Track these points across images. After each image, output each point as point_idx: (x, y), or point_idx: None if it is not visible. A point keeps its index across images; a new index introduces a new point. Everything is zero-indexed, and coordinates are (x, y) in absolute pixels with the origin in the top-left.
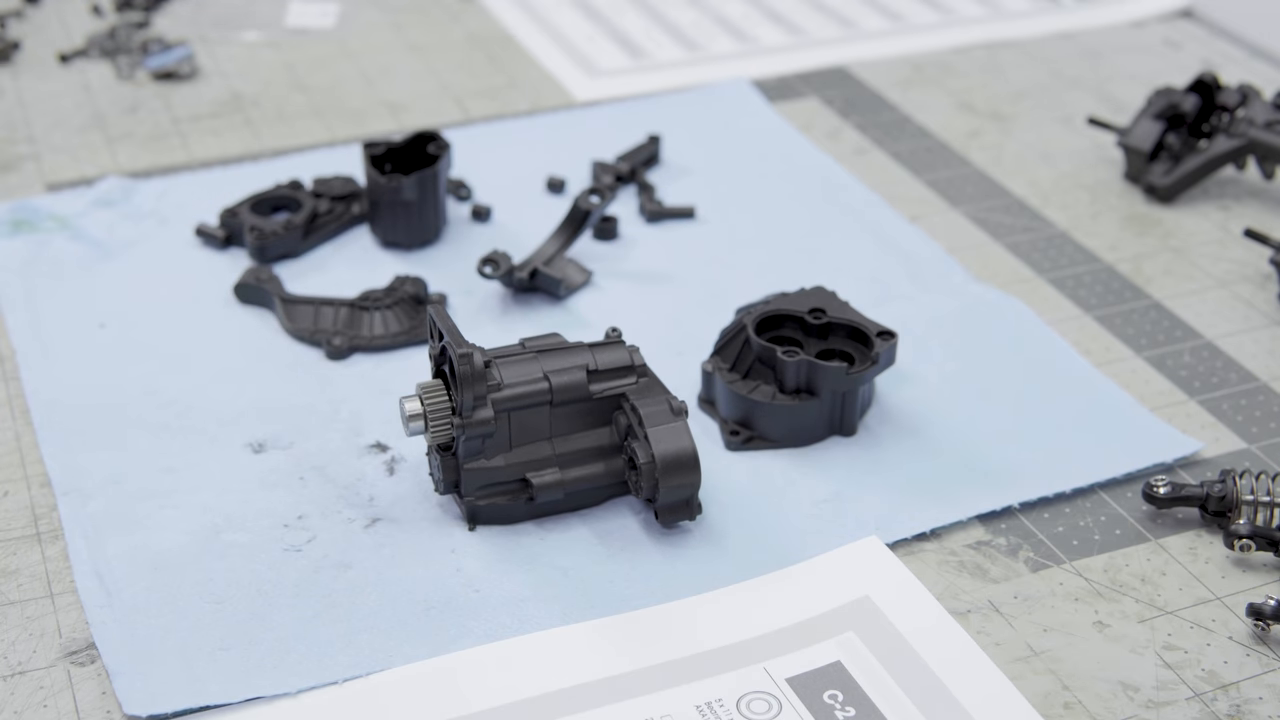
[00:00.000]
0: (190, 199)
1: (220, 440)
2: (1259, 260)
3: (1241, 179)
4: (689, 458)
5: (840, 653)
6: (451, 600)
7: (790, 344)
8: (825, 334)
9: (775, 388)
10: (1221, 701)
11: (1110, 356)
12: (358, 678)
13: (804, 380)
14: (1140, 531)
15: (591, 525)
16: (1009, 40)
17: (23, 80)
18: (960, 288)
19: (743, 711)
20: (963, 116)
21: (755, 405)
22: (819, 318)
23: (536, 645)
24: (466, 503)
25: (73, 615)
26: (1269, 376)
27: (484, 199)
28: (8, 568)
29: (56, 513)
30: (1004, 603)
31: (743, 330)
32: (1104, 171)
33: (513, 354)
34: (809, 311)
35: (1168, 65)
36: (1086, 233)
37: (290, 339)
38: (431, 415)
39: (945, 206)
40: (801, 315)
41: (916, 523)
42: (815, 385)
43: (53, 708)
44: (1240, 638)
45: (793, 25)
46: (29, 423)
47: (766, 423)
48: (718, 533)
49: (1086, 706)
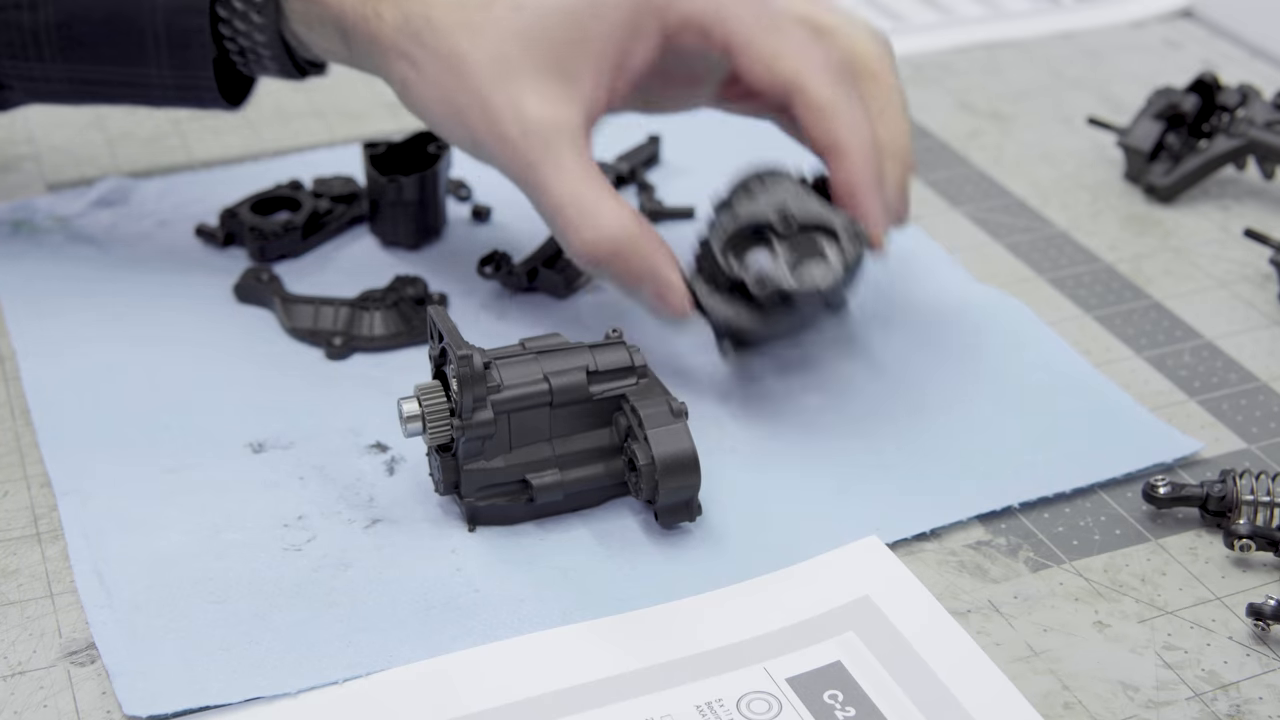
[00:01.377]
0: (190, 199)
1: (220, 440)
2: (1259, 260)
3: (1241, 179)
4: (689, 460)
5: (840, 653)
6: (451, 600)
7: (763, 243)
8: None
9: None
10: (1221, 701)
11: (1110, 356)
12: (358, 678)
13: (783, 301)
14: (1140, 531)
15: (591, 526)
16: (1009, 40)
17: None
18: (960, 288)
19: (743, 711)
20: (963, 116)
21: (741, 329)
22: (789, 226)
23: (536, 645)
24: (466, 503)
25: (73, 615)
26: (1269, 376)
27: (484, 199)
28: (8, 568)
29: (56, 513)
30: (1004, 603)
31: (712, 252)
32: (1104, 171)
33: (513, 355)
34: (778, 219)
35: (1168, 65)
36: (1086, 233)
37: (290, 339)
38: (429, 417)
39: (945, 206)
40: (771, 223)
41: (916, 523)
42: (796, 307)
43: (53, 708)
44: (1240, 638)
45: None
46: (29, 423)
47: (754, 337)
48: (718, 533)
49: (1086, 706)
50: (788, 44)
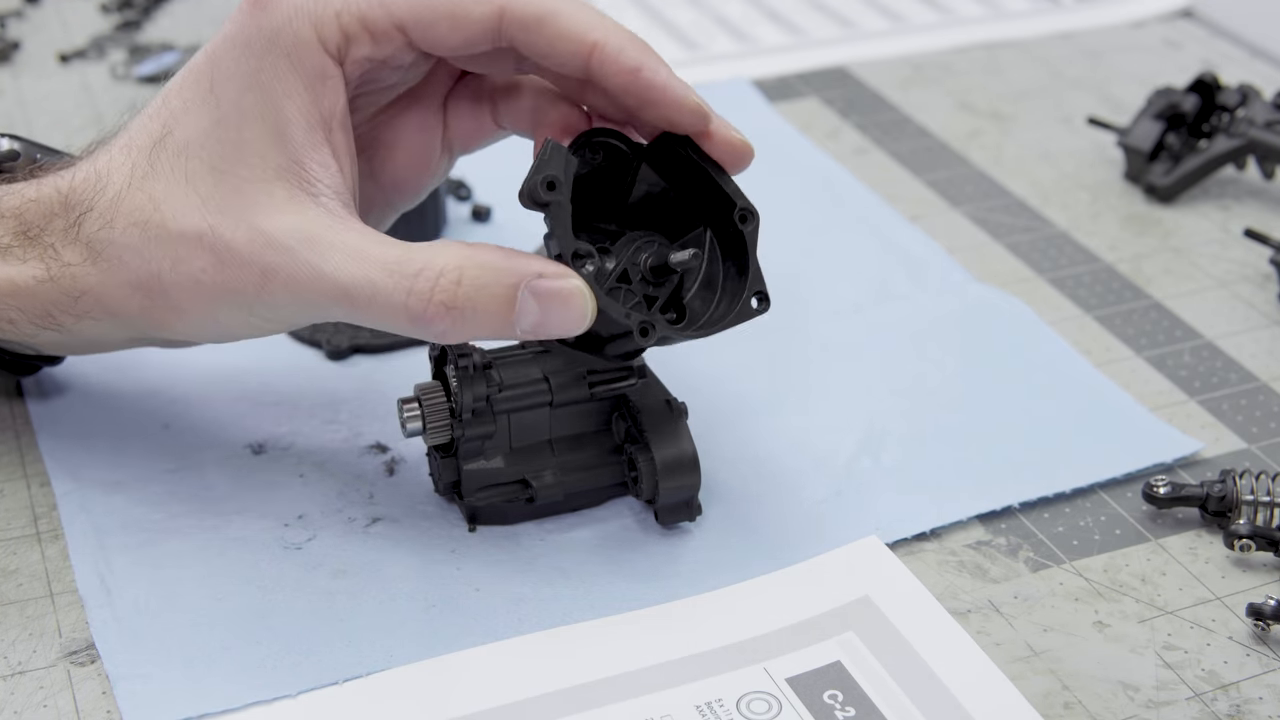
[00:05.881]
0: None
1: (220, 440)
2: (1259, 260)
3: (1241, 179)
4: (689, 460)
5: (840, 653)
6: (451, 600)
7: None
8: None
9: None
10: (1221, 701)
11: (1110, 356)
12: (358, 677)
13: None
14: (1140, 531)
15: (591, 525)
16: (1009, 40)
17: (23, 80)
18: (960, 288)
19: (743, 711)
20: (963, 116)
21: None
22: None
23: (536, 645)
24: (466, 503)
25: (73, 615)
26: (1269, 376)
27: (484, 199)
28: (8, 568)
29: (56, 513)
30: (1004, 603)
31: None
32: (1104, 171)
33: (513, 355)
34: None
35: (1168, 65)
36: (1086, 233)
37: (290, 339)
38: (429, 417)
39: (945, 206)
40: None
41: (916, 523)
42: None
43: (53, 708)
44: (1240, 638)
45: (793, 25)
46: (29, 423)
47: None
48: (718, 533)
49: (1086, 706)
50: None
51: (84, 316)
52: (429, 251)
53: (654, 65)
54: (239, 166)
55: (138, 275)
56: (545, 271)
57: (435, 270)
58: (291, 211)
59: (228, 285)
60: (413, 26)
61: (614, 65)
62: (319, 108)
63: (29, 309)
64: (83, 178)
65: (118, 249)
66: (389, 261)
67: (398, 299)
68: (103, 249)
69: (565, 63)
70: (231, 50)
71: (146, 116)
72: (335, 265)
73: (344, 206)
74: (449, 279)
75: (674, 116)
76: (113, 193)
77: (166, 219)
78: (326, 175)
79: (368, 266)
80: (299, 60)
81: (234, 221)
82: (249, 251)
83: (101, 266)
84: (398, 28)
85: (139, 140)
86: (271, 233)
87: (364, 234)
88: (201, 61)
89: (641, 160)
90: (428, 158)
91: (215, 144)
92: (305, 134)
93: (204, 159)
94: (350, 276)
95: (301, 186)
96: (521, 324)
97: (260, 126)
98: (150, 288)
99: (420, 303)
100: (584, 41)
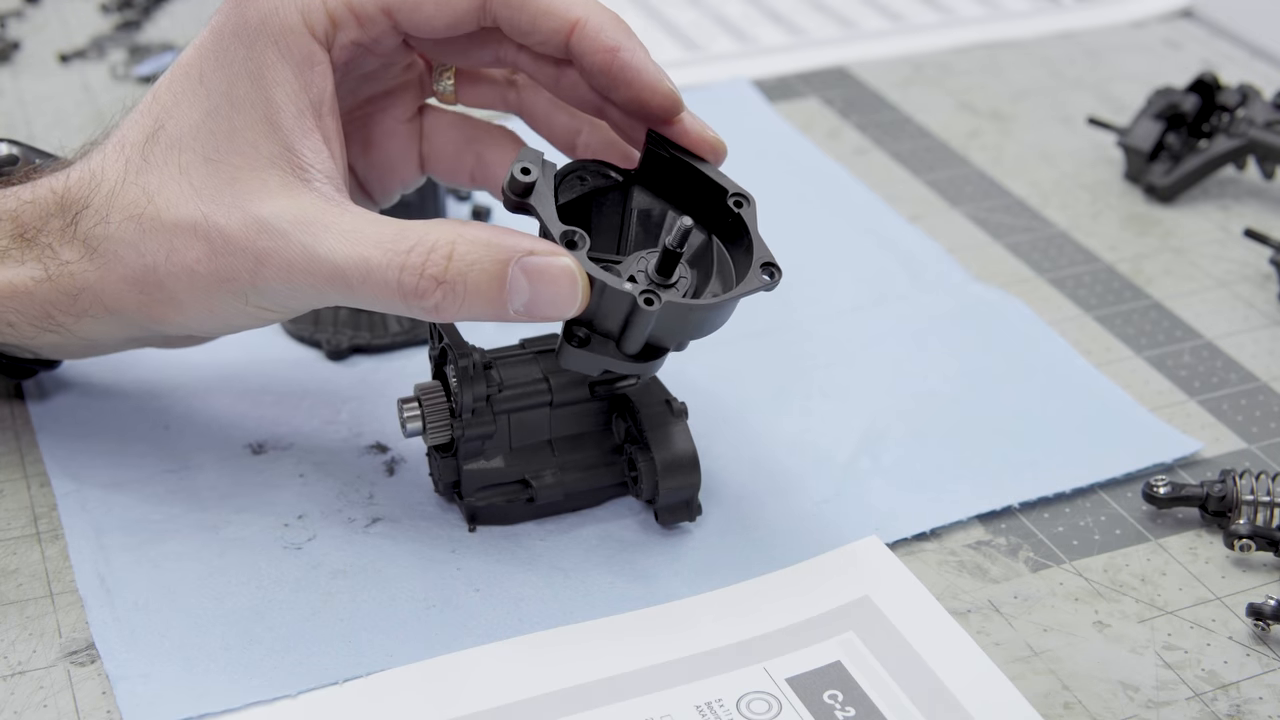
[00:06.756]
0: None
1: (220, 440)
2: (1259, 260)
3: (1241, 179)
4: (689, 460)
5: (840, 653)
6: (451, 600)
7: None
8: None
9: None
10: (1221, 701)
11: (1110, 356)
12: (358, 677)
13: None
14: (1140, 531)
15: (591, 525)
16: (1009, 40)
17: (23, 80)
18: (960, 288)
19: (743, 711)
20: (963, 116)
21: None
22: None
23: (536, 645)
24: (466, 503)
25: (73, 615)
26: (1269, 376)
27: (484, 199)
28: (7, 567)
29: (56, 513)
30: (1004, 603)
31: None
32: (1104, 171)
33: (513, 355)
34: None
35: (1168, 65)
36: (1086, 233)
37: (290, 339)
38: (429, 417)
39: (945, 206)
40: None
41: (916, 523)
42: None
43: (53, 708)
44: (1240, 638)
45: (793, 25)
46: (29, 423)
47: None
48: (718, 533)
49: (1086, 706)
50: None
51: (83, 315)
52: (423, 228)
53: (632, 47)
54: (231, 155)
55: (134, 269)
56: (537, 249)
57: (428, 245)
58: (285, 197)
59: (222, 273)
60: (399, 8)
61: (593, 43)
62: (308, 93)
63: (28, 310)
64: (78, 177)
65: (114, 244)
66: (383, 239)
67: (391, 275)
68: (99, 245)
69: (546, 40)
70: (220, 41)
71: (138, 113)
72: (329, 247)
73: (337, 190)
74: (440, 253)
75: (646, 99)
76: (108, 189)
77: (161, 210)
78: (318, 160)
79: (362, 245)
80: (287, 47)
81: (227, 209)
82: (243, 238)
83: (99, 263)
84: (384, 11)
85: (132, 136)
86: (265, 218)
87: (358, 215)
88: (191, 55)
89: (632, 185)
90: (399, 163)
91: (207, 134)
92: (296, 120)
93: (197, 150)
94: (344, 256)
95: (294, 172)
96: (514, 302)
97: (251, 114)
98: (147, 281)
99: (412, 277)
100: (566, 18)
